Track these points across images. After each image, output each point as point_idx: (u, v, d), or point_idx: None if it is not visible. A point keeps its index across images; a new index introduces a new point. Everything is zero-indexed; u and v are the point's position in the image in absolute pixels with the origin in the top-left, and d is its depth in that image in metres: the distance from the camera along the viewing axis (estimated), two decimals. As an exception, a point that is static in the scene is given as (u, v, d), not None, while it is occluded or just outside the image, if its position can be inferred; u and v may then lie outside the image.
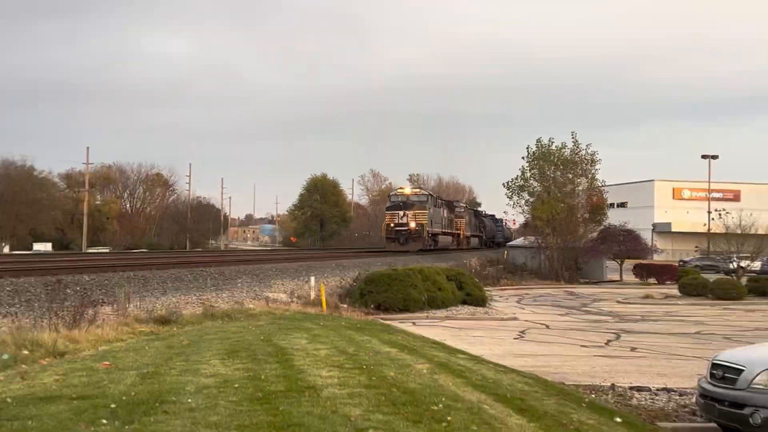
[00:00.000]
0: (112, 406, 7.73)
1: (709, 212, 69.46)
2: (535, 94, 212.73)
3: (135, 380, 9.36)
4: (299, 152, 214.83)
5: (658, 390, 13.19)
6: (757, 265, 52.85)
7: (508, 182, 56.10)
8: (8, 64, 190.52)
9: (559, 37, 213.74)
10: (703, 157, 78.26)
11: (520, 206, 57.29)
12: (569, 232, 53.42)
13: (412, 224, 55.35)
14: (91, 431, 6.68)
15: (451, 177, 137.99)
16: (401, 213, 56.22)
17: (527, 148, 54.48)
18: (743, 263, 49.01)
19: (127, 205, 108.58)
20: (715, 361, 10.71)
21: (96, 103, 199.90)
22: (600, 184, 55.78)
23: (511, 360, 15.64)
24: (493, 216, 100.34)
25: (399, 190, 63.23)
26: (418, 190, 64.24)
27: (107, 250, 73.55)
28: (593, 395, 12.19)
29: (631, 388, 13.20)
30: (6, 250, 72.54)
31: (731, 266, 49.41)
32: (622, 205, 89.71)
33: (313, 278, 28.01)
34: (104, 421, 7.06)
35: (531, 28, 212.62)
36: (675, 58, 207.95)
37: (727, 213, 51.08)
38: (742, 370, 9.91)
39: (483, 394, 10.01)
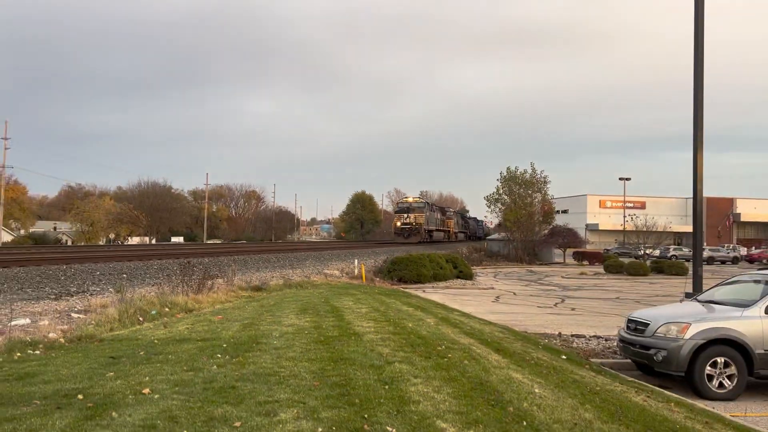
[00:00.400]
0: (224, 345, 7.73)
1: (624, 216, 68.95)
2: (505, 135, 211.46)
3: (238, 328, 9.36)
4: (347, 174, 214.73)
5: (590, 337, 13.00)
6: (657, 252, 52.25)
7: (487, 196, 55.68)
8: (154, 119, 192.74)
9: (523, 97, 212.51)
10: (620, 179, 77.92)
11: (495, 212, 56.85)
12: (529, 230, 52.84)
13: (413, 223, 54.11)
14: (210, 362, 6.68)
15: (448, 192, 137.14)
16: (405, 215, 54.87)
17: (500, 173, 54.09)
18: (648, 251, 48.54)
19: (233, 212, 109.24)
20: (630, 317, 10.56)
21: (213, 143, 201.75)
22: (550, 197, 55.30)
23: (490, 316, 15.48)
24: (475, 218, 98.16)
25: (404, 199, 60.84)
26: (418, 198, 60.95)
27: (220, 242, 74.07)
28: (546, 340, 12.03)
29: (572, 336, 13.01)
30: (153, 241, 73.32)
31: (640, 253, 48.85)
32: (565, 211, 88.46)
33: (356, 260, 27.97)
34: (219, 355, 7.08)
35: (503, 91, 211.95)
36: (599, 111, 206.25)
37: (636, 217, 50.59)
38: (648, 324, 9.76)
39: (472, 339, 9.91)
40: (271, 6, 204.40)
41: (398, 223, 55.61)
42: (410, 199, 59.02)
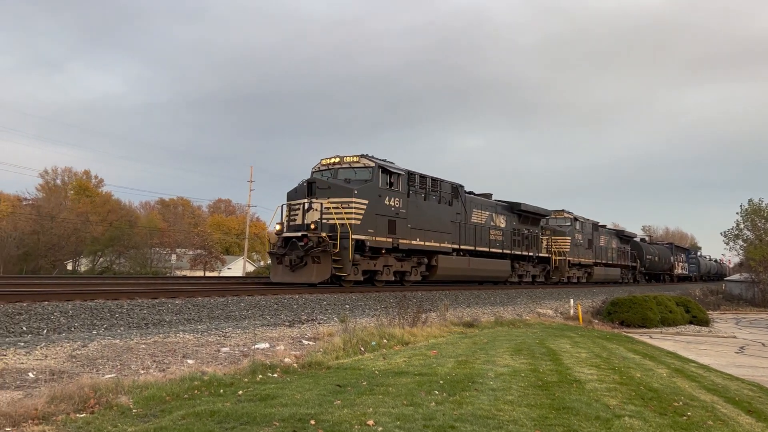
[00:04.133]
0: (440, 382, 7.77)
1: None
2: (745, 163, 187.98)
3: (453, 365, 9.36)
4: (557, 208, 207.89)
5: None
6: None
7: (724, 231, 49.41)
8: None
9: (764, 120, 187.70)
10: None
11: (734, 250, 50.21)
12: (779, 271, 45.75)
13: (313, 226, 19.11)
14: (428, 398, 6.74)
15: (676, 227, 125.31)
16: (306, 204, 19.90)
17: (740, 205, 48.00)
18: None
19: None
20: None
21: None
22: (806, 233, 47.33)
23: (733, 370, 13.50)
24: (671, 245, 65.41)
25: (323, 161, 22.08)
26: (355, 158, 21.25)
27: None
28: (812, 405, 10.09)
29: None
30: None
31: None
32: (827, 250, 74.90)
33: (572, 299, 26.60)
34: (436, 392, 7.12)
35: (738, 115, 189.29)
36: None
37: None
38: None
39: (714, 396, 8.68)
40: (480, 45, 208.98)
41: (277, 227, 20.89)
42: (334, 159, 21.76)
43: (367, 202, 19.93)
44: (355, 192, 19.65)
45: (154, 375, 7.57)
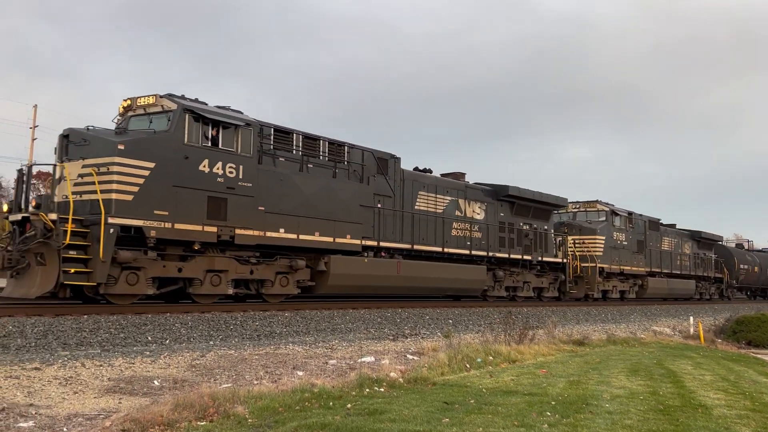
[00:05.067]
0: (552, 402, 7.46)
1: None
2: None
3: (565, 385, 8.98)
4: (670, 220, 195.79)
5: None
6: None
7: None
8: (469, 169, 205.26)
9: None
10: None
11: None
12: None
13: (34, 202, 12.55)
14: (540, 419, 6.49)
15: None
16: (57, 169, 12.80)
17: None
18: None
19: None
20: None
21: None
22: None
23: None
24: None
25: (120, 107, 13.75)
26: (150, 99, 13.16)
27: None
28: None
29: None
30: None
31: None
32: None
33: (691, 317, 24.87)
34: (548, 413, 6.84)
35: None
36: None
37: None
38: None
39: None
40: (584, 53, 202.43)
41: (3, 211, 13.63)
42: (124, 104, 13.89)
43: (152, 165, 12.45)
44: (121, 147, 12.08)
45: (267, 386, 7.84)
